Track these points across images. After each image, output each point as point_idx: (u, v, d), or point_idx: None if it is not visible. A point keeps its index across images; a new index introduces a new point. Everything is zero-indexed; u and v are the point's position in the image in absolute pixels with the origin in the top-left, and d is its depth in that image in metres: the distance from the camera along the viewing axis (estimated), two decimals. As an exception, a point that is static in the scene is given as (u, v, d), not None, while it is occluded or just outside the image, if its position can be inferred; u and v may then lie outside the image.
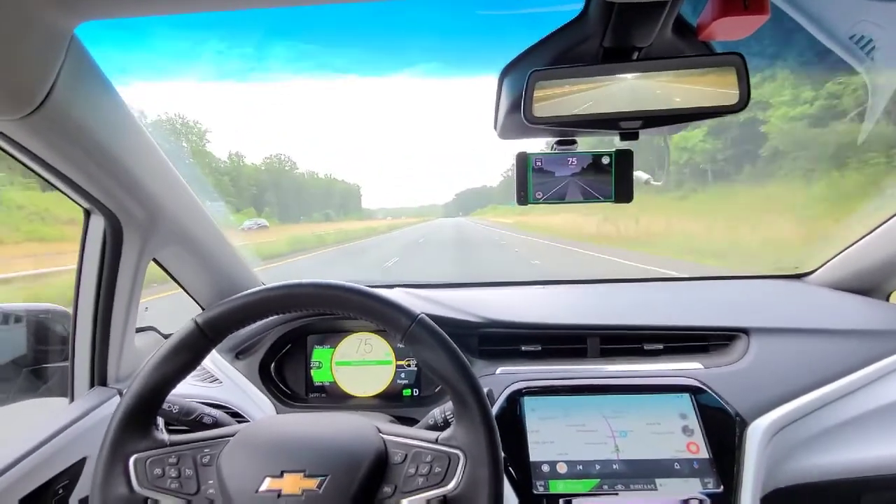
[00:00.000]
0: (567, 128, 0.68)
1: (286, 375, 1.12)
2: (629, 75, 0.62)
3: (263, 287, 0.65)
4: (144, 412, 0.64)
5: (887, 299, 1.20)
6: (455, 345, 0.63)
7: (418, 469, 0.60)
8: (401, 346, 1.09)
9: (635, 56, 0.64)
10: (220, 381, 1.05)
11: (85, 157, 0.73)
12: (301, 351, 1.12)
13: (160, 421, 0.92)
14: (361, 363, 1.11)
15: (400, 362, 1.10)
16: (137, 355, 1.01)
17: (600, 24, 0.61)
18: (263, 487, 0.58)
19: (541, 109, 0.63)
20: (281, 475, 0.58)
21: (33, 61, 0.57)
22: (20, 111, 0.59)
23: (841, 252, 1.21)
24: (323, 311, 0.66)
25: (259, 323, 1.09)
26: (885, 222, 1.10)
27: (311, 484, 0.58)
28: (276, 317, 1.07)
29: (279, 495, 0.57)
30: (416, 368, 1.11)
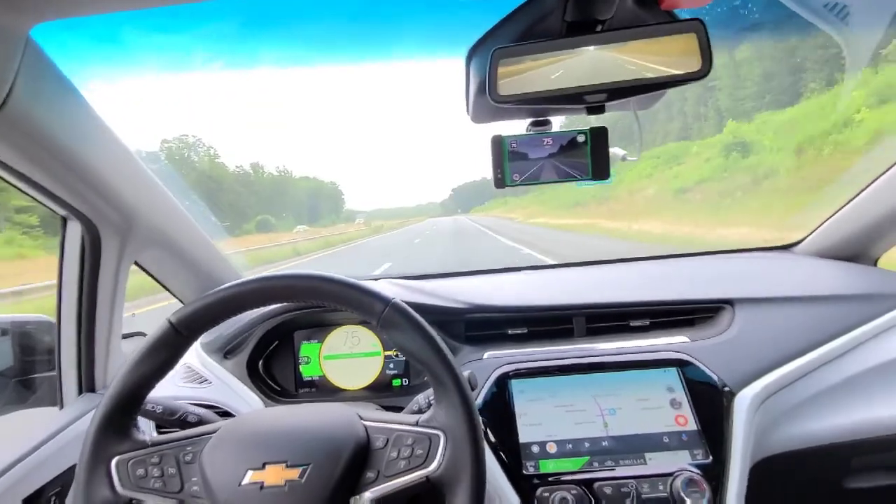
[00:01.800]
0: (533, 105, 0.68)
1: (275, 372, 1.12)
2: (592, 48, 0.61)
3: (236, 282, 0.65)
4: (124, 414, 0.64)
5: (874, 264, 1.20)
6: (430, 327, 0.63)
7: (400, 452, 0.60)
8: (382, 334, 1.09)
9: (599, 29, 0.64)
10: (209, 381, 1.05)
11: (52, 161, 0.72)
12: (289, 347, 1.12)
13: (144, 422, 0.92)
14: (350, 356, 1.11)
15: (388, 353, 1.11)
16: (125, 360, 1.01)
17: None
18: (246, 480, 0.58)
19: (505, 87, 0.63)
20: (263, 467, 0.59)
21: None
22: None
23: (826, 220, 1.21)
24: (302, 304, 0.66)
25: (244, 320, 1.09)
26: (867, 187, 1.10)
27: (294, 474, 0.58)
28: (260, 313, 1.06)
29: (262, 487, 0.57)
30: (404, 358, 1.11)
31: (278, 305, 1.03)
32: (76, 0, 0.56)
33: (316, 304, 0.65)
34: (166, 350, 0.64)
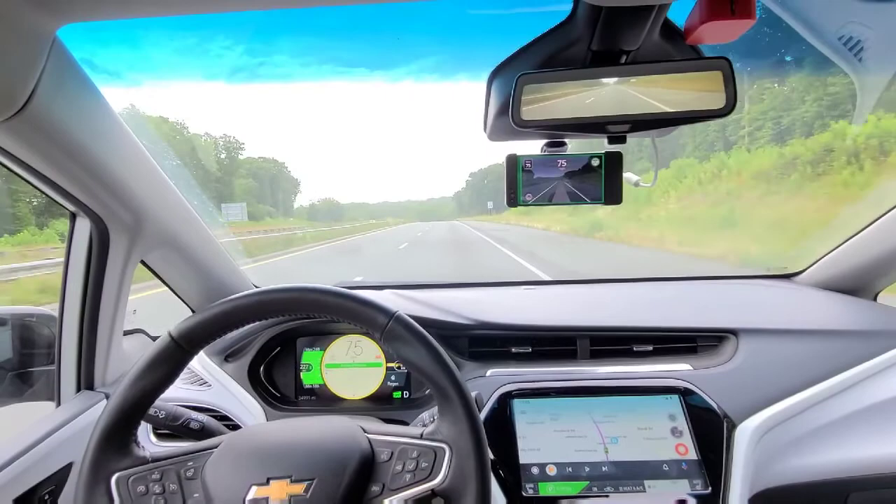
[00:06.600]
0: (555, 131, 0.68)
1: (276, 378, 1.12)
2: (617, 79, 0.62)
3: (237, 295, 0.64)
4: (124, 429, 0.63)
5: (874, 299, 1.21)
6: (434, 340, 0.63)
7: (405, 465, 0.60)
8: (385, 347, 1.09)
9: (623, 59, 0.64)
10: (209, 384, 1.04)
11: (69, 161, 0.72)
12: (291, 353, 1.12)
13: (147, 429, 0.91)
14: (351, 365, 1.10)
15: (390, 364, 1.10)
16: (125, 358, 1.00)
17: (588, 28, 0.61)
18: (250, 496, 0.57)
19: (529, 113, 0.63)
20: (267, 482, 0.58)
21: (14, 64, 0.56)
22: (1, 115, 0.59)
23: (829, 252, 1.22)
24: (304, 316, 0.66)
25: (247, 326, 1.08)
26: (872, 223, 1.11)
27: (298, 489, 0.57)
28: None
29: (267, 503, 0.57)
30: (406, 371, 1.10)
31: None
32: (104, 3, 0.56)
33: (319, 316, 0.65)
34: (167, 364, 0.63)
